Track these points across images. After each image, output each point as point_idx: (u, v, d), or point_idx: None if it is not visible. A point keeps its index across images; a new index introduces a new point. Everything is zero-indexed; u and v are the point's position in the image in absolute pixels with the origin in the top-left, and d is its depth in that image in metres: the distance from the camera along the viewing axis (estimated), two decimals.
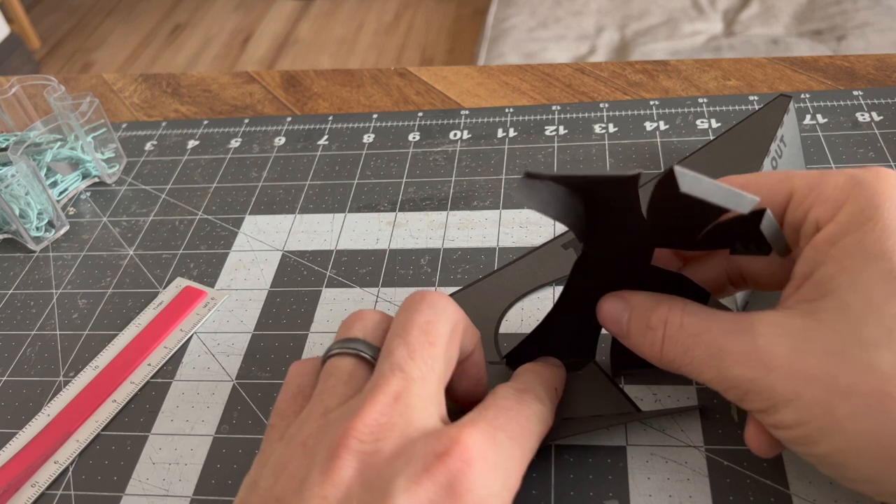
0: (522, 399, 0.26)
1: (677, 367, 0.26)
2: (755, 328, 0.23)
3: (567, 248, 0.38)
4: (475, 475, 0.21)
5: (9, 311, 0.41)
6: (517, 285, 0.37)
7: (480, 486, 0.21)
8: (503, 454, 0.23)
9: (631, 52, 1.39)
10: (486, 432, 0.23)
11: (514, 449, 0.24)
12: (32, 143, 0.47)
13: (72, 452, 0.34)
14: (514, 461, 0.24)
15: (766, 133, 0.38)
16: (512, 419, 0.25)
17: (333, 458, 0.22)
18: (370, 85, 0.55)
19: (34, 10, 2.55)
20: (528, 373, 0.29)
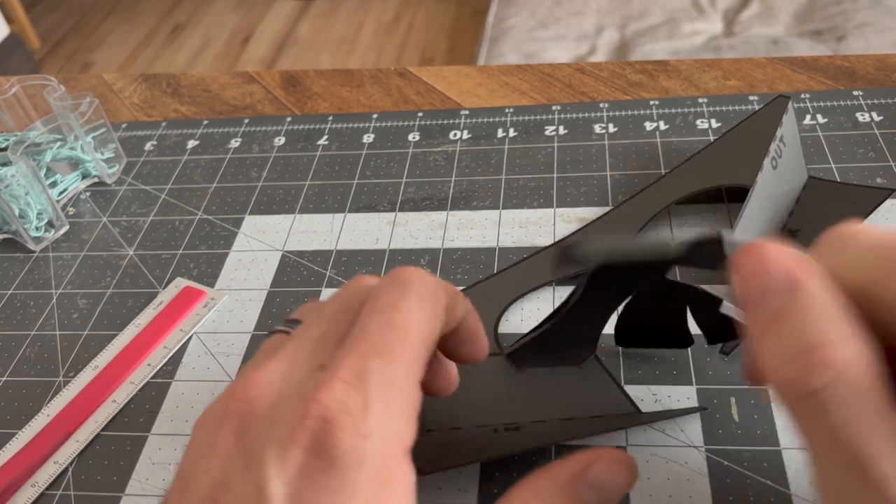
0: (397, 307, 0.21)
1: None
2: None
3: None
4: (340, 432, 0.18)
5: (9, 311, 0.41)
6: (518, 285, 0.37)
7: (349, 439, 0.18)
8: (378, 394, 0.19)
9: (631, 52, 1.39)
10: (351, 373, 0.19)
11: (392, 385, 0.20)
12: (32, 143, 0.47)
13: (72, 452, 0.34)
14: (394, 394, 0.20)
15: (766, 134, 0.38)
16: (388, 343, 0.20)
17: (219, 428, 0.20)
18: (370, 85, 0.55)
19: (34, 9, 2.55)
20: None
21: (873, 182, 0.40)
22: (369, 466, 0.18)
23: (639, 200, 0.40)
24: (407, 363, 0.20)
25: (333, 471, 0.18)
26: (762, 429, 0.30)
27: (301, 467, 0.18)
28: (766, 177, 0.35)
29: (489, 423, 0.31)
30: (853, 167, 0.41)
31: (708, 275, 0.27)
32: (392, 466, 0.19)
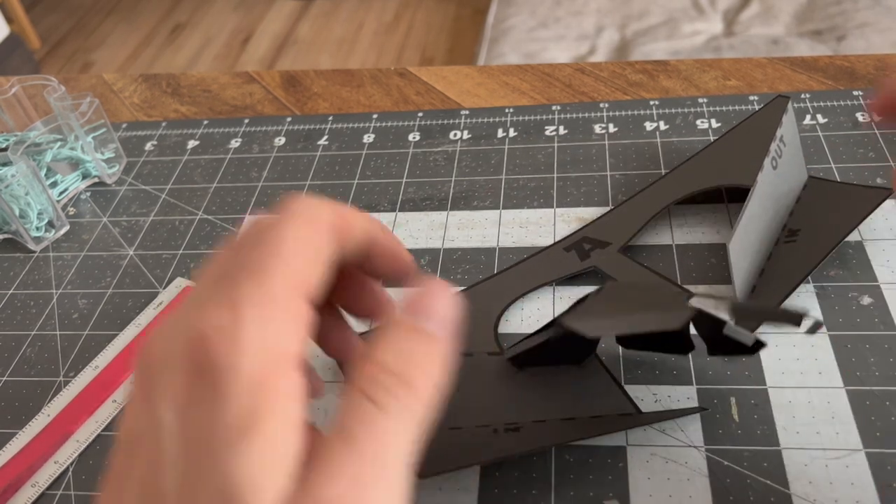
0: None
1: None
2: None
3: (569, 251, 0.38)
4: (214, 348, 0.19)
5: (9, 311, 0.41)
6: (518, 285, 0.37)
7: (223, 353, 0.19)
8: (252, 309, 0.19)
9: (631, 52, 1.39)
10: (225, 297, 0.19)
11: (269, 301, 0.20)
12: (32, 143, 0.47)
13: (72, 452, 0.34)
14: (271, 309, 0.20)
15: (766, 134, 0.38)
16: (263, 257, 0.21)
17: (132, 388, 0.20)
18: (370, 85, 0.55)
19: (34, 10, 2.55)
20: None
21: (873, 182, 0.40)
22: (246, 374, 0.19)
23: (639, 200, 0.40)
24: (284, 278, 0.20)
25: (211, 384, 0.18)
26: (762, 429, 0.30)
27: (185, 391, 0.19)
28: (766, 177, 0.35)
29: (489, 423, 0.31)
30: (853, 167, 0.41)
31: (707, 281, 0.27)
32: (273, 373, 0.19)
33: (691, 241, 0.38)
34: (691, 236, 0.38)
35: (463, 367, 0.33)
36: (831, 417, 0.30)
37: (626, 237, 0.38)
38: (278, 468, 0.19)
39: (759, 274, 0.35)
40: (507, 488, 0.30)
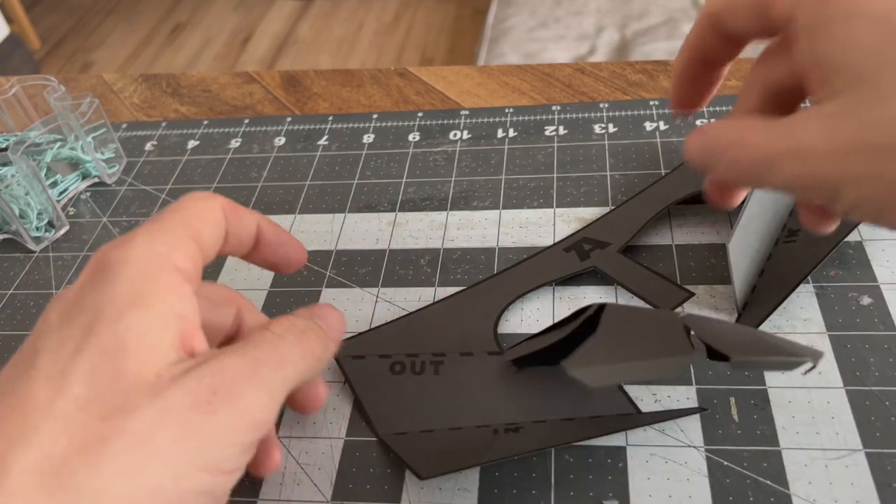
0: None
1: (755, 182, 0.25)
2: (796, 125, 0.23)
3: (569, 252, 0.38)
4: (109, 251, 0.24)
5: (9, 311, 0.41)
6: (518, 285, 0.37)
7: (115, 252, 0.24)
8: (143, 233, 0.24)
9: (631, 52, 1.39)
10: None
11: (157, 229, 0.25)
12: (32, 143, 0.47)
13: None
14: (158, 231, 0.25)
15: None
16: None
17: None
18: (370, 85, 0.55)
19: (34, 10, 2.55)
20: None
21: None
22: (132, 265, 0.23)
23: (639, 201, 0.40)
24: (176, 220, 0.25)
25: (101, 273, 0.23)
26: (762, 429, 0.30)
27: (81, 282, 0.23)
28: None
29: (489, 424, 0.31)
30: None
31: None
32: (157, 268, 0.23)
33: (691, 241, 0.38)
34: (691, 236, 0.38)
35: (463, 367, 0.33)
36: (831, 417, 0.30)
37: (626, 237, 0.38)
38: (163, 337, 0.22)
39: (758, 274, 0.35)
40: (507, 488, 0.30)
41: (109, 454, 0.20)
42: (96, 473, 0.20)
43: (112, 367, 0.21)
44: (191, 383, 0.22)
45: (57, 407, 0.21)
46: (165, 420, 0.21)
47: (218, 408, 0.22)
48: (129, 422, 0.21)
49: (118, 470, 0.20)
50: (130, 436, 0.20)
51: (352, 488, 0.31)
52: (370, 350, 0.35)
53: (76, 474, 0.20)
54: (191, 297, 0.24)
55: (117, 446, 0.20)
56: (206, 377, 0.22)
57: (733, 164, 0.25)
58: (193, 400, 0.21)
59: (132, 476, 0.20)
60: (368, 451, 0.32)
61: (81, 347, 0.22)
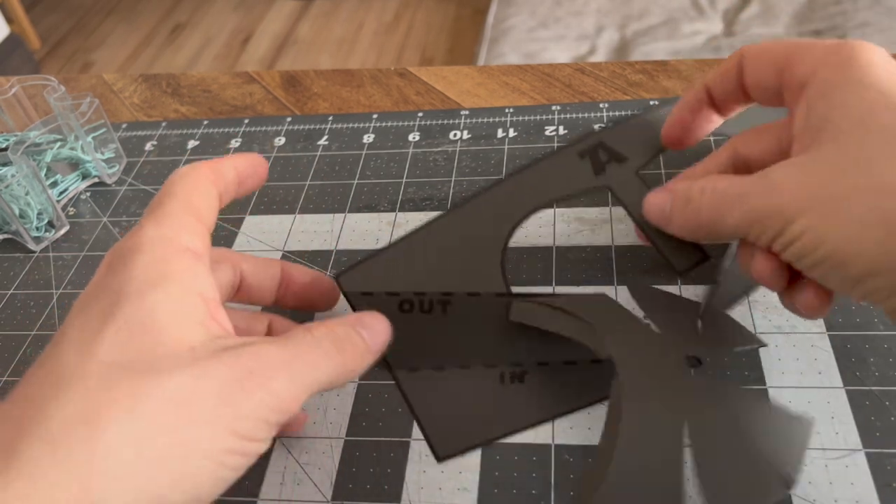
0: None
1: (711, 228, 0.29)
2: (770, 170, 0.27)
3: (584, 158, 0.34)
4: (123, 241, 0.26)
5: (9, 311, 0.41)
6: (524, 199, 0.34)
7: (128, 241, 0.25)
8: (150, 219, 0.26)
9: (631, 52, 1.39)
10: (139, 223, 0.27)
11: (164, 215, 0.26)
12: (32, 143, 0.47)
13: None
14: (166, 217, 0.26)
15: None
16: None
17: None
18: (370, 85, 0.55)
19: (34, 10, 2.55)
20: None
21: None
22: (147, 251, 0.24)
23: (661, 113, 0.36)
24: (176, 203, 0.27)
25: (118, 261, 0.25)
26: None
27: (101, 273, 0.25)
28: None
29: (495, 364, 0.32)
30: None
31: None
32: (169, 249, 0.25)
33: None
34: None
35: (470, 308, 0.33)
36: (831, 417, 0.30)
37: (646, 157, 0.34)
38: (190, 314, 0.24)
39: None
40: (507, 488, 0.30)
41: (148, 409, 0.21)
42: (134, 423, 0.21)
43: (143, 338, 0.22)
44: (229, 359, 0.23)
45: (88, 367, 0.22)
46: (204, 387, 0.22)
47: (252, 386, 0.23)
48: (168, 381, 0.22)
49: (156, 423, 0.21)
50: (170, 394, 0.22)
51: (352, 488, 0.31)
52: (377, 285, 0.33)
53: (113, 422, 0.21)
54: (206, 274, 0.25)
55: (156, 402, 0.21)
56: (243, 357, 0.23)
57: (698, 210, 0.29)
58: (231, 374, 0.23)
59: (171, 429, 0.21)
60: (368, 451, 0.32)
61: (107, 321, 0.23)
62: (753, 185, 0.27)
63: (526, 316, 0.33)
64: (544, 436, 0.31)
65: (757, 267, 0.29)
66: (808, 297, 0.29)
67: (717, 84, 0.32)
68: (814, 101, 0.27)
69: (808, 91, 0.27)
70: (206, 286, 0.25)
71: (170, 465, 0.21)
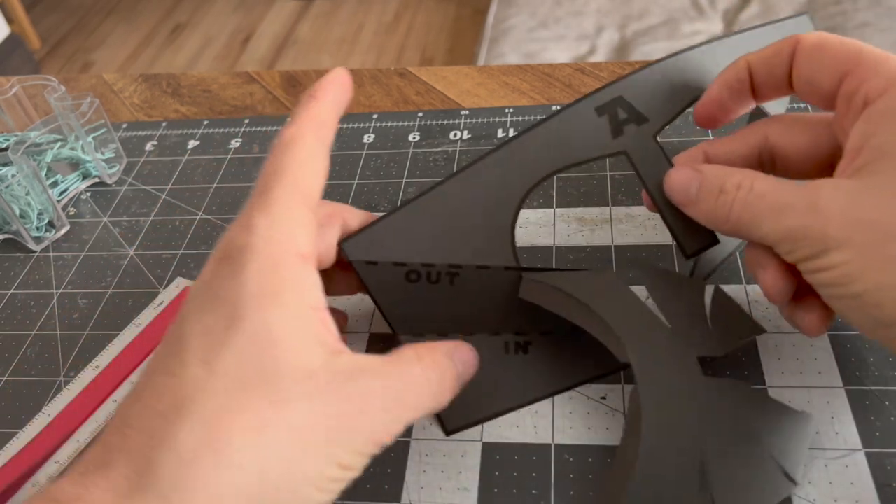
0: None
1: (738, 226, 0.28)
2: (816, 185, 0.26)
3: (602, 116, 0.32)
4: (232, 238, 0.25)
5: (9, 311, 0.41)
6: (538, 163, 0.32)
7: (238, 241, 0.25)
8: (260, 214, 0.25)
9: (631, 52, 1.39)
10: (243, 213, 0.26)
11: (274, 206, 0.25)
12: (33, 143, 0.47)
13: (72, 452, 0.34)
14: (276, 211, 0.25)
15: None
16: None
17: None
18: (370, 85, 0.55)
19: (34, 10, 2.55)
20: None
21: None
22: (258, 255, 0.24)
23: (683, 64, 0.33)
24: (286, 188, 0.26)
25: (229, 262, 0.24)
26: None
27: (212, 270, 0.24)
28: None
29: (500, 332, 0.31)
30: None
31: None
32: (280, 255, 0.24)
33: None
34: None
35: (479, 280, 0.32)
36: (831, 417, 0.30)
37: (665, 118, 0.32)
38: (307, 333, 0.24)
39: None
40: (507, 488, 0.30)
41: (270, 438, 0.22)
42: (259, 451, 0.22)
43: (264, 357, 0.23)
44: (342, 396, 0.23)
45: (214, 384, 0.22)
46: (318, 421, 0.23)
47: (360, 426, 0.23)
48: (289, 412, 0.22)
49: (277, 452, 0.22)
50: (289, 424, 0.22)
51: (352, 488, 0.31)
52: (384, 252, 0.32)
53: (241, 451, 0.21)
54: (316, 282, 0.25)
55: (277, 432, 0.22)
56: (355, 396, 0.23)
57: (729, 204, 0.27)
58: (342, 411, 0.23)
59: (288, 459, 0.22)
60: None
61: (230, 335, 0.23)
62: (796, 198, 0.25)
63: (536, 296, 0.32)
64: (544, 436, 0.31)
65: (766, 279, 0.28)
66: (812, 319, 0.28)
67: (760, 67, 0.30)
68: (879, 124, 0.25)
69: (873, 110, 0.26)
70: (317, 296, 0.25)
71: (284, 492, 0.22)
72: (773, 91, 0.30)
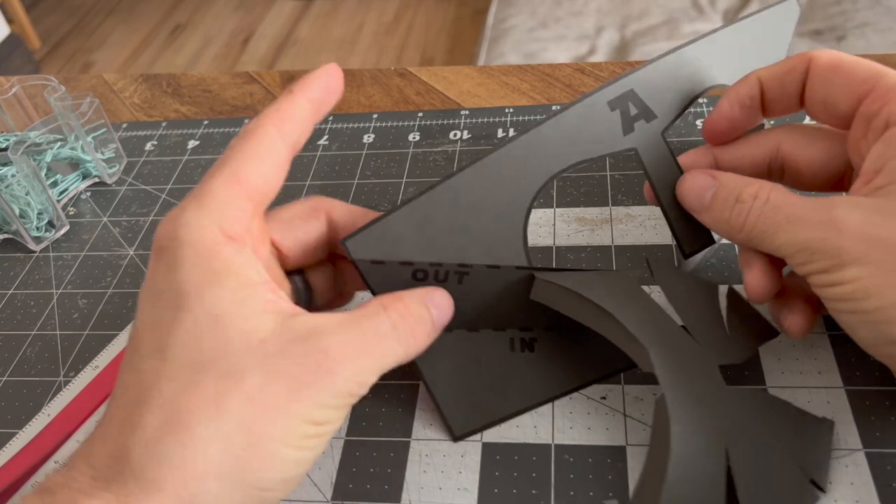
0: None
1: (752, 237, 0.28)
2: (832, 202, 0.26)
3: (614, 111, 0.32)
4: (164, 231, 0.26)
5: (9, 311, 0.41)
6: (549, 160, 0.31)
7: (169, 232, 0.25)
8: (192, 203, 0.26)
9: (631, 52, 1.39)
10: (181, 204, 0.27)
11: (206, 197, 0.26)
12: (33, 143, 0.47)
13: (72, 452, 0.34)
14: (207, 200, 0.26)
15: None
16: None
17: None
18: (370, 85, 0.55)
19: (34, 10, 2.55)
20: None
21: None
22: (189, 243, 0.25)
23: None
24: (223, 178, 0.26)
25: (164, 254, 0.25)
26: None
27: (153, 266, 0.25)
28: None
29: (505, 327, 0.31)
30: None
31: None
32: (208, 239, 0.25)
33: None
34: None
35: (489, 280, 0.32)
36: (831, 417, 0.30)
37: (673, 113, 0.32)
38: (250, 306, 0.24)
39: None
40: (507, 488, 0.30)
41: (229, 408, 0.23)
42: (219, 423, 0.23)
43: (210, 335, 0.24)
44: (297, 354, 0.24)
45: (169, 370, 0.23)
46: (275, 383, 0.23)
47: (320, 380, 0.24)
48: (243, 381, 0.23)
49: (237, 420, 0.23)
50: (246, 393, 0.23)
51: (352, 488, 0.31)
52: (389, 252, 0.30)
53: (201, 425, 0.23)
54: (252, 260, 0.26)
55: (235, 401, 0.23)
56: (311, 353, 0.24)
57: (744, 214, 0.28)
58: (299, 370, 0.24)
59: (250, 424, 0.23)
60: (368, 451, 0.32)
61: (175, 323, 0.24)
62: (812, 212, 0.26)
63: (550, 299, 0.31)
64: (544, 436, 0.31)
65: (750, 278, 0.28)
66: (795, 320, 0.29)
67: (772, 84, 0.30)
68: (894, 148, 0.25)
69: (893, 133, 0.26)
70: (255, 271, 0.25)
71: (253, 456, 0.23)
72: (785, 108, 0.30)
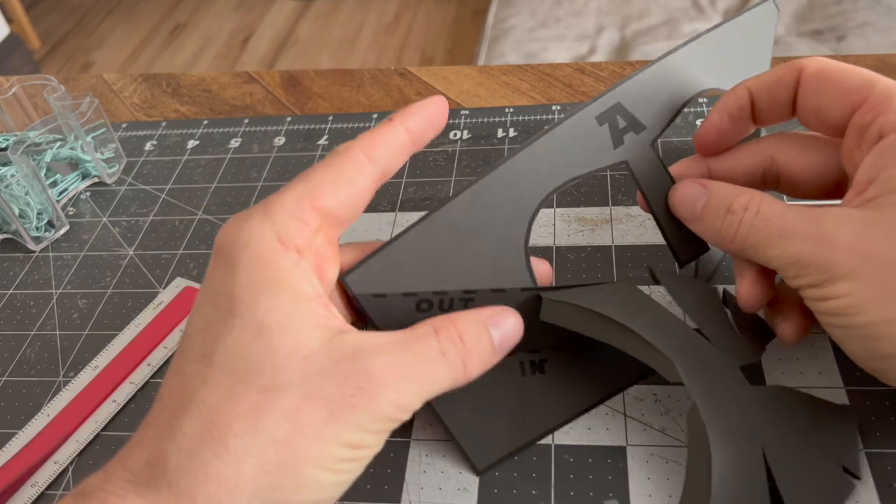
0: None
1: (743, 248, 0.28)
2: (824, 215, 0.25)
3: (602, 125, 0.31)
4: (224, 234, 0.26)
5: (9, 311, 0.41)
6: (543, 177, 0.31)
7: (230, 236, 0.25)
8: (258, 212, 0.26)
9: (631, 52, 1.39)
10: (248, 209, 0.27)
11: (274, 206, 0.26)
12: (32, 143, 0.47)
13: (72, 452, 0.34)
14: (273, 209, 0.26)
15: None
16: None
17: None
18: (370, 85, 0.55)
19: (34, 10, 2.55)
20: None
21: None
22: (248, 249, 0.24)
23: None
24: (296, 193, 0.26)
25: (222, 256, 0.25)
26: None
27: (211, 266, 0.25)
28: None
29: (514, 351, 0.30)
30: None
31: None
32: (268, 247, 0.25)
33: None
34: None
35: (495, 303, 0.31)
36: None
37: (662, 123, 0.32)
38: (301, 320, 0.24)
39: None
40: (507, 488, 0.30)
41: (266, 425, 0.23)
42: (255, 438, 0.22)
43: (260, 348, 0.23)
44: (339, 375, 0.23)
45: (212, 378, 0.23)
46: (314, 403, 0.23)
47: (359, 403, 0.23)
48: (282, 398, 0.23)
49: (273, 437, 0.23)
50: (284, 411, 0.23)
51: (352, 488, 0.31)
52: (391, 285, 0.29)
53: (237, 438, 0.22)
54: (309, 274, 0.25)
55: (273, 418, 0.23)
56: (353, 374, 0.23)
57: (735, 225, 0.27)
58: (339, 391, 0.23)
59: (285, 443, 0.23)
60: None
61: (225, 328, 0.24)
62: (803, 225, 0.25)
63: (561, 318, 0.31)
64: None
65: (742, 287, 0.28)
66: (788, 328, 0.29)
67: (762, 94, 0.29)
68: (891, 158, 0.25)
69: (886, 144, 0.25)
70: (312, 284, 0.25)
71: (285, 475, 0.23)
72: (776, 118, 0.30)
